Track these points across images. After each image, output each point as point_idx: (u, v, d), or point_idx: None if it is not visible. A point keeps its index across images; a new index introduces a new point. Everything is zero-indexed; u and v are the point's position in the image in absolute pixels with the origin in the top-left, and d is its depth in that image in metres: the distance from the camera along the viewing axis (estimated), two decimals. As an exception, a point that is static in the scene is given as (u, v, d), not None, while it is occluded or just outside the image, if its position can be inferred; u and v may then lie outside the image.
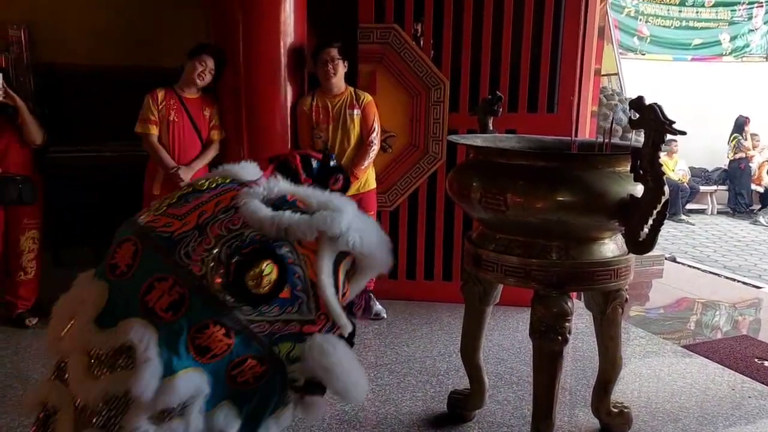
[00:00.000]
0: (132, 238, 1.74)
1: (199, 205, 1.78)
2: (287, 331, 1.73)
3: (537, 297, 2.22)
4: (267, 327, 1.71)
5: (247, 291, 1.67)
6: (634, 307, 4.57)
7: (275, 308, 1.70)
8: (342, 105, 3.80)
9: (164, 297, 1.65)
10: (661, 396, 3.06)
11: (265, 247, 1.70)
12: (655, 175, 1.92)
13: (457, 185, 2.33)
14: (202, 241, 1.69)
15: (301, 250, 1.75)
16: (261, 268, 1.67)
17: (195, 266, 1.66)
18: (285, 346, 1.74)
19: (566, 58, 3.94)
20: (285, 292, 1.71)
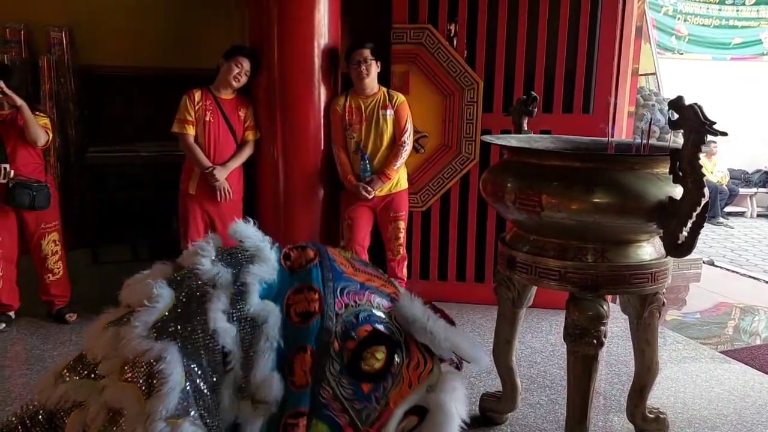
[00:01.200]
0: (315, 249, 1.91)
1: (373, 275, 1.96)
2: (335, 415, 1.73)
3: (572, 300, 2.19)
4: (329, 397, 1.73)
5: (357, 358, 1.73)
6: (671, 312, 4.48)
7: (350, 390, 1.73)
8: (375, 105, 3.81)
9: (304, 303, 1.76)
10: (698, 402, 3.00)
11: (392, 339, 1.77)
12: (695, 177, 1.88)
13: (491, 186, 2.31)
14: (358, 293, 1.82)
15: (405, 373, 1.78)
16: (379, 349, 1.74)
17: (339, 303, 1.77)
18: (322, 427, 1.73)
19: (603, 58, 3.89)
20: (367, 386, 1.74)
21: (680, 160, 1.90)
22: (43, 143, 3.61)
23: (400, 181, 3.93)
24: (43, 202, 3.60)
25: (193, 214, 3.72)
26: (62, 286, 3.84)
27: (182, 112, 3.68)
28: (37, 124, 3.54)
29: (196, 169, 3.71)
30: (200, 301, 1.72)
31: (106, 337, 1.69)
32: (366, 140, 3.81)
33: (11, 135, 3.55)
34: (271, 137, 3.84)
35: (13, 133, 3.55)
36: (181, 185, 3.80)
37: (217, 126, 3.70)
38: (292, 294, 1.78)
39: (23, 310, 3.95)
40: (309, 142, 3.86)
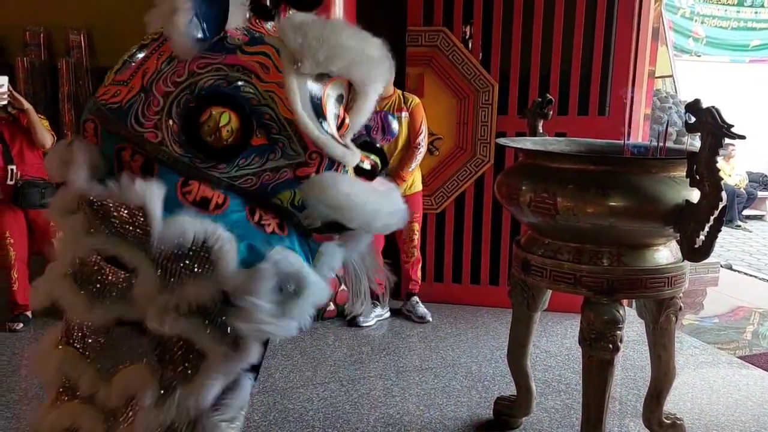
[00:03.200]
0: (90, 117, 1.61)
1: (142, 64, 1.59)
2: (280, 179, 1.54)
3: (587, 304, 2.18)
4: (254, 180, 1.52)
5: (208, 147, 1.49)
6: (687, 316, 4.44)
7: (254, 158, 1.51)
8: (390, 108, 3.80)
9: (132, 164, 1.53)
10: (716, 408, 2.96)
11: (214, 94, 1.49)
12: (713, 180, 1.86)
13: (506, 189, 2.30)
14: (150, 103, 1.52)
15: (264, 87, 1.52)
16: (215, 118, 1.48)
17: (150, 134, 1.51)
18: (285, 195, 1.56)
19: (619, 60, 3.86)
20: (258, 138, 1.51)
21: (698, 164, 1.88)
22: (50, 145, 3.58)
23: (415, 183, 3.93)
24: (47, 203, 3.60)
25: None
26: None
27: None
28: (43, 128, 3.56)
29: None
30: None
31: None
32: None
33: (17, 137, 3.58)
34: (286, 139, 3.85)
35: (19, 134, 3.58)
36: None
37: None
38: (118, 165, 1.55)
39: (38, 310, 3.99)
40: (324, 144, 3.87)
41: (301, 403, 2.89)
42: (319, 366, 3.29)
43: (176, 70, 1.53)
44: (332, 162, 1.57)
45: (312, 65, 1.52)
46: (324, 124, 1.57)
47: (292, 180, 1.55)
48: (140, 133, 1.51)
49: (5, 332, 3.63)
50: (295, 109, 1.51)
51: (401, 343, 3.66)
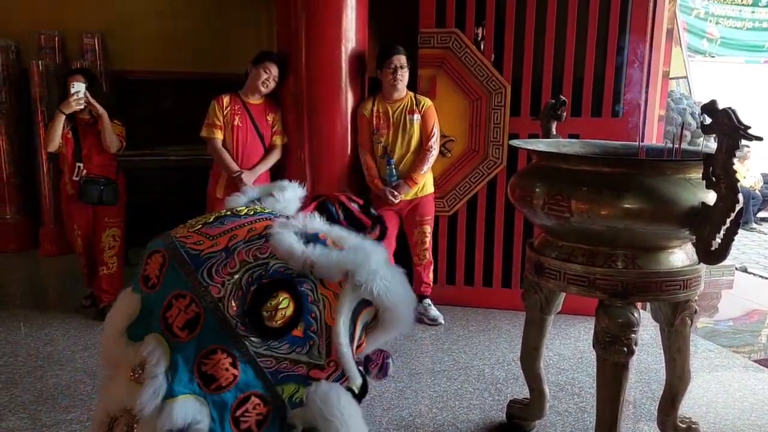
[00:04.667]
0: (161, 250, 1.74)
1: (233, 229, 1.76)
2: (293, 372, 1.68)
3: (601, 307, 2.16)
4: (274, 363, 1.66)
5: (260, 321, 1.63)
6: (702, 319, 4.40)
7: (285, 345, 1.65)
8: (402, 110, 3.81)
9: (181, 315, 1.64)
10: (731, 412, 2.93)
11: (285, 280, 1.66)
12: (729, 182, 1.84)
13: (519, 191, 2.29)
14: (227, 264, 1.67)
15: (323, 291, 1.69)
16: (278, 300, 1.63)
17: (215, 287, 1.64)
18: (289, 388, 1.69)
19: (632, 61, 3.84)
20: (298, 330, 1.66)
21: (714, 165, 1.86)
22: (116, 150, 3.85)
23: (426, 186, 3.92)
24: (111, 197, 3.85)
25: (221, 218, 3.75)
26: (113, 283, 3.95)
27: (211, 116, 3.72)
28: (113, 133, 3.79)
29: (223, 173, 3.74)
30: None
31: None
32: (393, 145, 3.81)
33: (88, 137, 3.81)
34: (299, 142, 3.87)
35: (90, 136, 3.81)
36: (208, 189, 3.85)
37: (245, 131, 3.74)
38: (164, 313, 1.67)
39: (57, 311, 4.04)
40: (336, 146, 3.88)
41: (314, 405, 2.89)
42: (331, 368, 3.29)
43: (261, 248, 1.70)
44: (341, 376, 1.73)
45: (368, 294, 1.71)
46: (350, 341, 1.73)
47: (304, 377, 1.69)
48: (206, 285, 1.65)
49: (19, 333, 3.66)
50: (338, 322, 1.67)
51: (413, 345, 3.65)
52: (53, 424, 2.69)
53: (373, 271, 1.70)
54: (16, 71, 5.38)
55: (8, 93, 5.33)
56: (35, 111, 5.32)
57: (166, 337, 1.64)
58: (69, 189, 3.86)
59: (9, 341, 3.55)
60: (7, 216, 5.47)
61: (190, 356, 1.63)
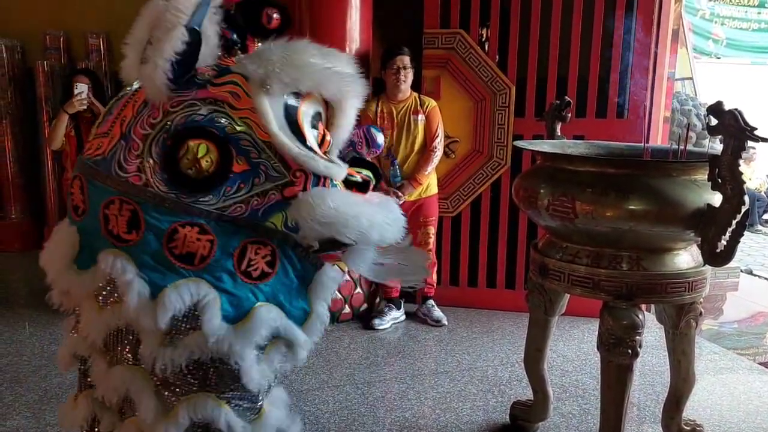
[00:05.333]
0: (77, 174, 1.67)
1: (120, 113, 1.66)
2: (269, 203, 1.57)
3: (606, 308, 2.15)
4: (244, 207, 1.56)
5: (190, 180, 1.53)
6: (707, 321, 4.39)
7: (240, 185, 1.55)
8: (406, 111, 3.80)
9: (119, 219, 1.56)
10: (736, 415, 2.92)
11: (189, 128, 1.53)
12: (736, 183, 1.83)
13: (524, 192, 2.28)
14: (130, 148, 1.56)
15: (238, 114, 1.55)
16: (192, 151, 1.51)
17: (134, 177, 1.55)
18: (277, 218, 1.59)
19: (638, 62, 3.83)
20: (239, 165, 1.54)
21: (720, 167, 1.86)
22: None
23: (430, 187, 3.92)
24: None
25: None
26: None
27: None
28: None
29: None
30: None
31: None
32: (397, 145, 3.81)
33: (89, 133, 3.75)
34: (303, 142, 3.86)
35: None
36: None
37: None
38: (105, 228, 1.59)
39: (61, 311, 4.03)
40: (340, 146, 3.87)
41: (317, 405, 2.89)
42: (334, 369, 3.29)
43: (151, 113, 1.57)
44: (318, 178, 1.60)
45: (280, 86, 1.56)
46: (303, 141, 1.60)
47: (282, 201, 1.58)
48: (124, 179, 1.56)
49: (23, 332, 3.67)
50: (270, 130, 1.54)
51: (417, 346, 3.65)
52: (57, 423, 2.69)
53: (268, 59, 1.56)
54: (21, 71, 5.40)
55: (13, 93, 5.35)
56: (40, 111, 5.33)
57: (120, 247, 1.57)
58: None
59: (14, 340, 3.55)
60: (12, 215, 5.48)
61: (155, 248, 1.55)
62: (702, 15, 9.58)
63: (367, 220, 1.60)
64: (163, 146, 1.54)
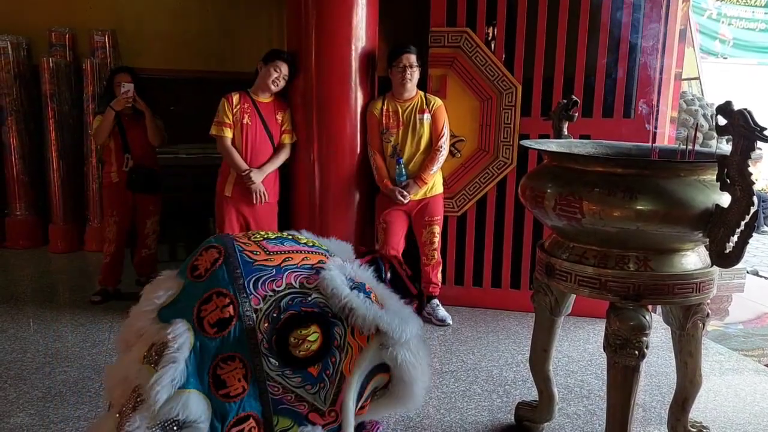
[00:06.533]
0: (219, 247, 1.79)
1: (290, 252, 1.84)
2: (294, 408, 1.71)
3: (612, 309, 2.14)
4: (280, 392, 1.69)
5: (285, 346, 1.67)
6: (712, 322, 4.37)
7: (298, 378, 1.69)
8: (412, 110, 3.79)
9: (216, 312, 1.67)
10: (742, 417, 2.90)
11: (322, 315, 1.70)
12: (745, 184, 1.82)
13: (530, 191, 2.27)
14: (274, 281, 1.72)
15: (350, 340, 1.73)
16: (309, 331, 1.67)
17: (255, 298, 1.68)
18: (284, 422, 1.72)
19: (645, 62, 3.81)
20: (315, 368, 1.69)
21: (728, 167, 1.84)
22: (160, 143, 4.19)
23: (436, 186, 3.91)
24: (154, 185, 4.21)
25: (229, 216, 3.76)
26: (151, 263, 4.41)
27: (220, 114, 3.72)
28: (157, 128, 4.08)
29: (232, 172, 3.74)
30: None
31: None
32: (402, 144, 3.80)
33: (131, 131, 4.10)
34: (308, 141, 3.86)
35: (134, 129, 4.10)
36: (217, 187, 3.84)
37: (254, 129, 3.73)
38: (200, 305, 1.71)
39: (66, 308, 4.05)
40: (345, 145, 3.87)
41: (321, 404, 2.88)
42: (338, 368, 3.28)
43: (309, 278, 1.79)
44: (338, 429, 1.75)
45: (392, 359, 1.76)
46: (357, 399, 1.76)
47: (302, 416, 1.72)
48: (249, 293, 1.71)
49: (28, 329, 3.67)
50: (354, 372, 1.71)
51: (421, 345, 3.63)
52: (61, 420, 2.69)
53: (404, 339, 1.73)
54: (26, 68, 5.40)
55: (19, 90, 5.34)
56: (45, 108, 5.33)
57: (195, 328, 1.66)
58: (114, 178, 4.12)
59: (18, 338, 3.56)
60: (16, 213, 5.48)
61: (211, 354, 1.65)
62: (709, 15, 9.53)
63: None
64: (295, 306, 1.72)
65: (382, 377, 1.82)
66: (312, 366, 1.68)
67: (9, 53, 5.27)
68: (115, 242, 4.17)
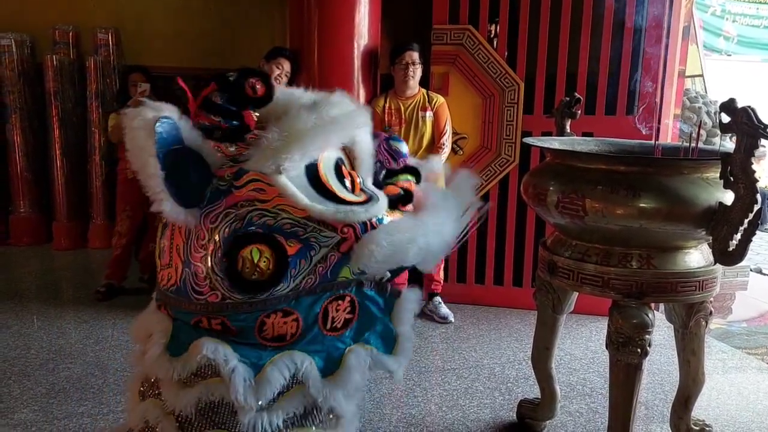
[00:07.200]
0: (160, 303, 1.74)
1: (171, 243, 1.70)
2: (333, 263, 1.65)
3: (615, 307, 2.14)
4: (313, 277, 1.63)
5: (260, 283, 1.58)
6: (715, 320, 4.35)
7: (300, 262, 1.61)
8: (414, 107, 3.79)
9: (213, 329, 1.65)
10: (745, 415, 2.90)
11: (234, 240, 1.57)
12: (748, 182, 1.81)
13: (533, 189, 2.27)
14: (195, 272, 1.62)
15: (269, 206, 1.59)
16: (248, 259, 1.56)
17: (210, 296, 1.60)
18: (346, 271, 1.67)
19: (648, 59, 3.80)
20: (292, 247, 1.60)
21: (732, 165, 1.84)
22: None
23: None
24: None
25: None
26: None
27: (223, 112, 3.71)
28: None
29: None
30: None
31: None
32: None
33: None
34: (310, 138, 3.85)
35: None
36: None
37: (257, 126, 3.73)
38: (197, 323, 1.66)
39: (69, 304, 4.06)
40: (348, 143, 3.87)
41: (324, 402, 2.89)
42: (341, 365, 3.28)
43: (197, 234, 1.61)
44: (364, 223, 1.66)
45: (293, 164, 1.59)
46: (335, 197, 1.65)
47: (342, 257, 1.66)
48: (203, 300, 1.61)
49: (32, 326, 3.69)
50: (303, 205, 1.59)
51: (423, 343, 3.64)
52: (65, 416, 2.70)
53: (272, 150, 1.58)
54: (30, 66, 5.41)
55: (22, 88, 5.35)
56: (49, 106, 5.34)
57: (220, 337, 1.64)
58: (129, 174, 4.06)
59: (22, 334, 3.57)
60: (20, 210, 5.50)
61: (248, 339, 1.64)
62: (713, 12, 9.50)
63: (422, 238, 1.68)
64: (221, 264, 1.59)
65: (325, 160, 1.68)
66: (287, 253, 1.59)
67: (13, 51, 5.28)
68: (126, 236, 4.21)
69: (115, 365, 3.20)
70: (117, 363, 3.22)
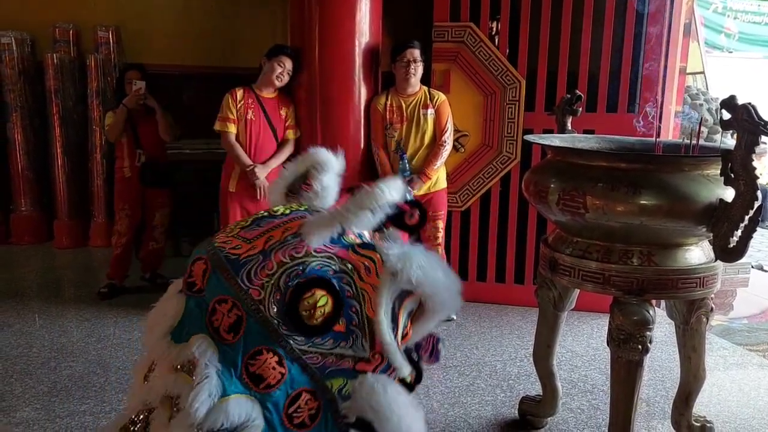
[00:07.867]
0: (204, 257, 1.76)
1: (269, 230, 1.79)
2: (340, 367, 1.70)
3: (616, 304, 2.14)
4: (320, 359, 1.68)
5: (299, 321, 1.65)
6: (716, 317, 4.35)
7: (329, 341, 1.67)
8: (416, 105, 3.79)
9: (225, 319, 1.66)
10: (746, 411, 2.91)
11: (321, 278, 1.67)
12: (749, 179, 1.82)
13: (534, 186, 2.27)
14: (265, 266, 1.68)
15: (361, 285, 1.70)
16: (315, 298, 1.64)
17: (254, 290, 1.65)
18: (337, 382, 1.71)
19: (649, 56, 3.79)
20: (340, 326, 1.67)
21: (732, 162, 1.84)
22: (173, 138, 4.30)
23: (439, 181, 3.91)
24: (165, 179, 4.32)
25: (233, 212, 3.76)
26: (158, 257, 4.43)
27: (224, 110, 3.72)
28: (168, 125, 4.15)
29: (236, 167, 3.75)
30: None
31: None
32: (406, 139, 3.79)
33: (142, 127, 4.16)
34: (312, 136, 3.86)
35: (144, 125, 4.16)
36: (221, 183, 3.85)
37: (258, 124, 3.74)
38: (209, 318, 1.69)
39: (71, 303, 4.07)
40: (349, 140, 3.87)
41: (325, 399, 2.89)
42: (342, 362, 3.29)
43: (296, 247, 1.70)
44: (388, 367, 1.72)
45: (407, 283, 1.70)
46: (394, 332, 1.73)
47: (350, 371, 1.70)
48: (246, 288, 1.66)
49: (33, 324, 3.70)
50: (378, 312, 1.67)
51: (425, 341, 3.64)
52: (66, 415, 2.71)
53: (409, 258, 1.70)
54: (31, 64, 5.41)
55: (23, 86, 5.35)
56: (50, 104, 5.34)
57: (215, 340, 1.66)
58: (127, 173, 4.20)
59: (24, 332, 3.57)
60: (21, 208, 5.50)
61: (238, 357, 1.65)
62: (714, 9, 9.49)
63: (406, 425, 1.72)
64: (293, 280, 1.65)
65: (412, 299, 1.80)
66: (335, 325, 1.66)
67: (13, 49, 5.28)
68: (126, 235, 4.22)
69: (116, 363, 3.21)
70: (119, 361, 3.23)
